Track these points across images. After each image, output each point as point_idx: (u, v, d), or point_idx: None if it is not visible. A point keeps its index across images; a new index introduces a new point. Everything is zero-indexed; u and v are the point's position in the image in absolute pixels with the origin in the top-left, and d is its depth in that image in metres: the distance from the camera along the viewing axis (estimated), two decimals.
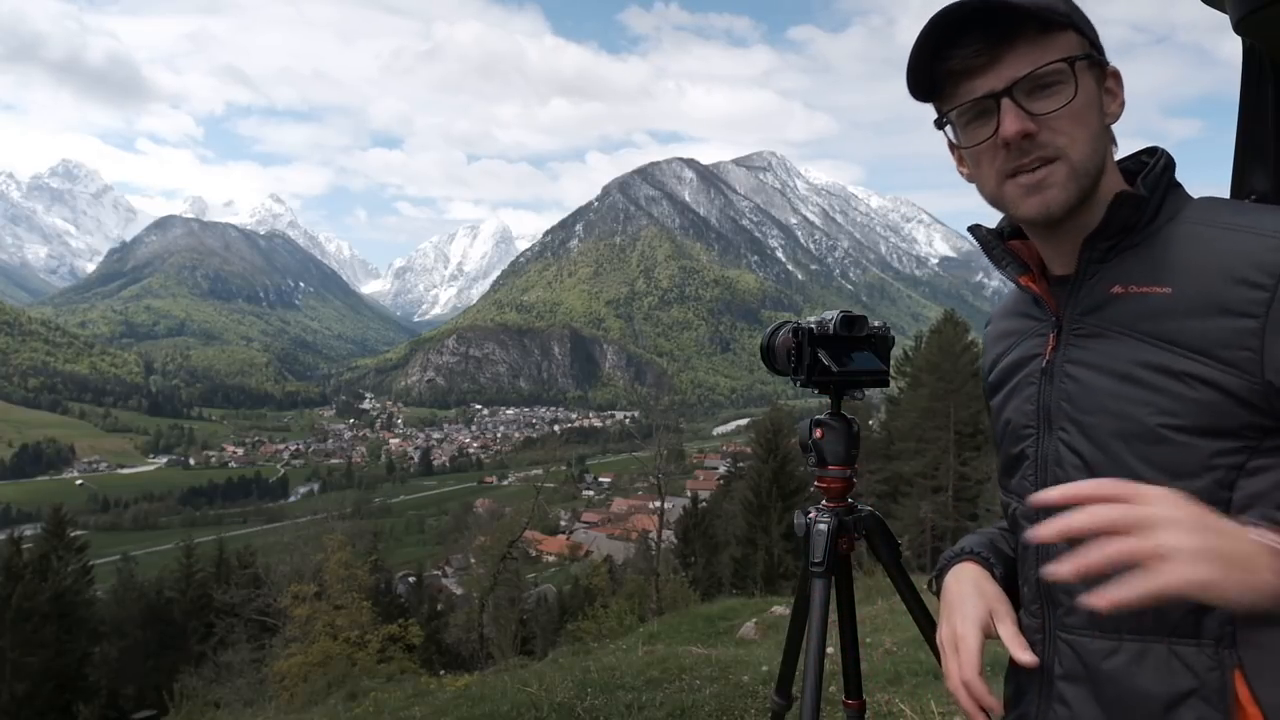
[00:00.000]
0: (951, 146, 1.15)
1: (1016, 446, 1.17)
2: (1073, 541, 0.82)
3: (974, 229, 1.22)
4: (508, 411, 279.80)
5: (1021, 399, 1.17)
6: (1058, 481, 1.07)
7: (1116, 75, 1.09)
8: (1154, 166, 1.08)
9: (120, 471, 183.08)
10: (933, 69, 1.09)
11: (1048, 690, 1.11)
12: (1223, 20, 1.41)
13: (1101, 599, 0.78)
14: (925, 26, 1.06)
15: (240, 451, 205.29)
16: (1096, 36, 1.08)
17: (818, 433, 1.56)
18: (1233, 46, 1.52)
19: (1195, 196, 1.10)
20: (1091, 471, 1.04)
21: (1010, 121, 1.03)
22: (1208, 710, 0.95)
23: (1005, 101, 1.03)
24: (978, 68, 1.05)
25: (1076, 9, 1.07)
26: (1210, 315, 0.94)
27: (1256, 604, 0.80)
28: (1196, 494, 0.86)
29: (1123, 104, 1.09)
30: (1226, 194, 1.49)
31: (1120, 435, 1.01)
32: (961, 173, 1.17)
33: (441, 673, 10.30)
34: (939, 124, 1.14)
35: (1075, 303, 1.10)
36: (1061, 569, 0.81)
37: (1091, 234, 1.07)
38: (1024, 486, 1.15)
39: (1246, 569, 0.80)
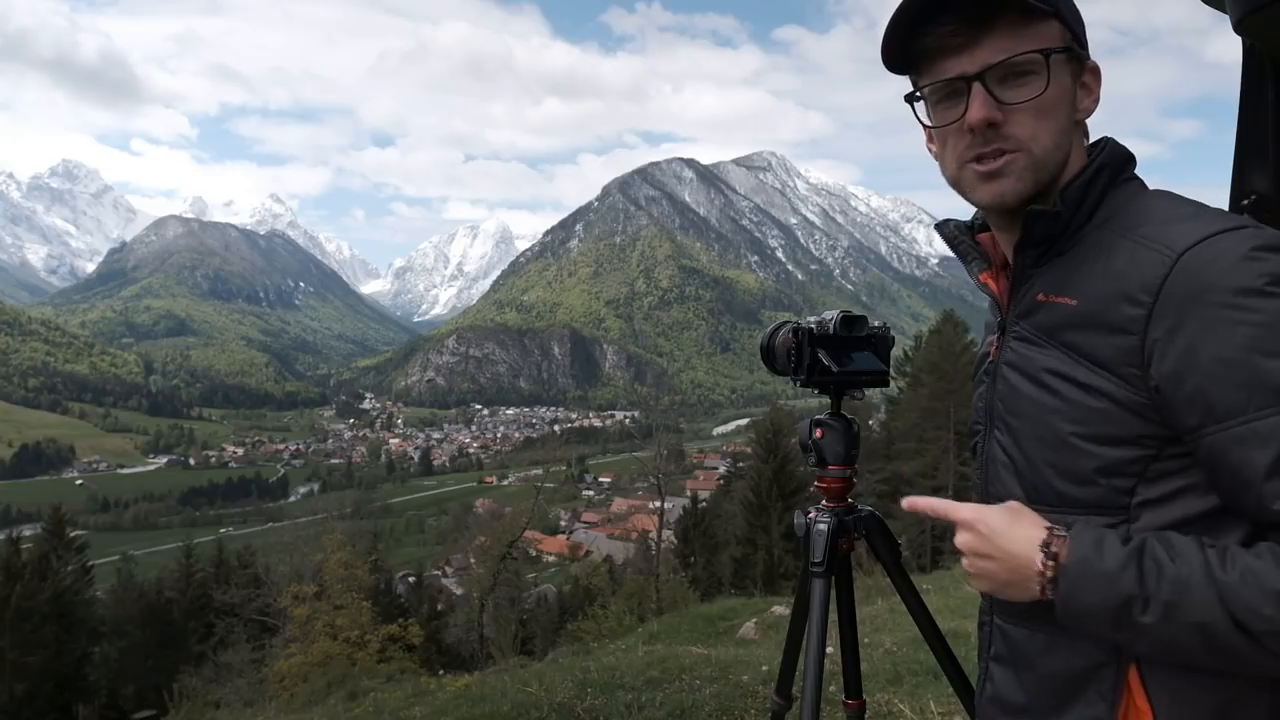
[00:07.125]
0: (921, 123, 1.13)
1: (972, 440, 1.24)
2: None
3: (940, 226, 1.21)
4: (508, 411, 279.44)
5: (977, 395, 1.23)
6: (996, 477, 1.13)
7: (1095, 71, 1.07)
8: (1082, 173, 1.05)
9: (120, 471, 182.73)
10: (908, 43, 1.07)
11: (984, 667, 1.22)
12: (1212, 23, 1.41)
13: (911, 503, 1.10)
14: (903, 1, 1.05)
15: (240, 451, 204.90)
16: (1082, 29, 1.05)
17: (818, 433, 1.57)
18: (1222, 47, 1.53)
19: (1149, 191, 1.06)
20: (1016, 471, 1.08)
21: (977, 108, 1.02)
22: (1101, 690, 1.02)
23: (976, 86, 1.02)
24: (953, 47, 1.03)
25: None
26: (1106, 331, 0.97)
27: (1023, 600, 1.01)
28: (1097, 498, 1.01)
29: (1097, 100, 1.06)
30: (1226, 193, 1.49)
31: (1038, 439, 1.05)
32: (930, 150, 1.15)
33: (441, 673, 10.30)
34: (910, 99, 1.11)
35: (1015, 305, 1.11)
36: (904, 501, 1.11)
37: (1019, 242, 1.08)
38: (977, 480, 1.22)
39: (1012, 586, 1.00)
